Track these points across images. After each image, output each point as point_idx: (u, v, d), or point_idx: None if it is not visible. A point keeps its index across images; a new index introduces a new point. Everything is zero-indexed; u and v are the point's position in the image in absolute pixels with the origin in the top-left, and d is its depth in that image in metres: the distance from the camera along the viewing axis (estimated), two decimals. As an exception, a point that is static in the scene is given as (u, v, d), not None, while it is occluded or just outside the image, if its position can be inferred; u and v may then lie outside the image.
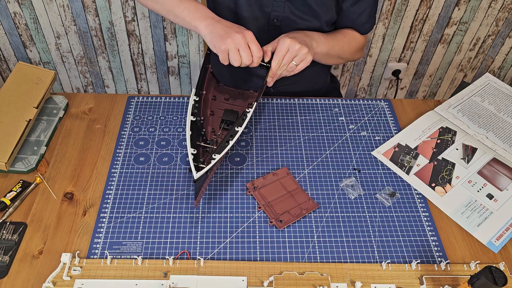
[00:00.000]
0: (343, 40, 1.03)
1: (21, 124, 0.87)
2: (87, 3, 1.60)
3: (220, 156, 0.76)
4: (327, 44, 0.98)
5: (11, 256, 0.73)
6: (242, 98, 0.98)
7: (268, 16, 0.98)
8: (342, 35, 1.03)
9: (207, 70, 0.97)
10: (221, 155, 0.76)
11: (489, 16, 1.68)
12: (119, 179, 0.85)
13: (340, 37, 1.03)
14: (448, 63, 1.86)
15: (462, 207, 0.83)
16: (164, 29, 1.68)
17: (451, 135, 0.96)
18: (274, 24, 0.99)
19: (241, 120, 0.84)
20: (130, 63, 1.81)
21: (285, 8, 0.96)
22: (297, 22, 0.98)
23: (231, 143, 0.79)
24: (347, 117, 1.00)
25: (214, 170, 0.84)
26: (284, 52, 0.87)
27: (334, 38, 1.01)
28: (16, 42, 1.72)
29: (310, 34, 0.95)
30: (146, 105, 1.00)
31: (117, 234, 0.77)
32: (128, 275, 0.71)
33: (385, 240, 0.78)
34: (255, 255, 0.75)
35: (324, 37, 0.98)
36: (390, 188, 0.86)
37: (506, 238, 0.79)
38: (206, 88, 0.97)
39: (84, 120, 0.97)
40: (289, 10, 0.96)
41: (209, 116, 0.94)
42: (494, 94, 1.06)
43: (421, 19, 1.68)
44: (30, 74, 0.94)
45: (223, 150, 0.77)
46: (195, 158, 0.76)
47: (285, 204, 0.82)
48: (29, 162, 0.86)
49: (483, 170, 0.89)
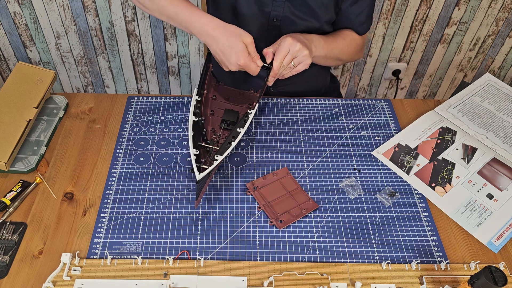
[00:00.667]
0: (342, 43, 1.03)
1: (21, 124, 0.87)
2: (87, 3, 1.60)
3: (222, 158, 0.76)
4: (326, 47, 0.98)
5: (11, 256, 0.73)
6: (243, 98, 0.98)
7: (268, 15, 0.98)
8: (342, 38, 1.03)
9: (207, 69, 0.97)
10: (223, 156, 0.76)
11: (489, 16, 1.68)
12: (119, 179, 0.85)
13: (340, 40, 1.03)
14: (448, 63, 1.86)
15: (462, 207, 0.83)
16: (164, 29, 1.68)
17: (451, 135, 0.96)
18: (274, 23, 0.99)
19: (243, 121, 0.84)
20: (130, 63, 1.81)
21: (285, 8, 0.96)
22: (296, 22, 0.98)
23: (233, 144, 0.79)
24: (347, 117, 1.00)
25: (215, 170, 0.84)
26: (285, 52, 0.87)
27: (334, 40, 1.01)
28: (16, 42, 1.72)
29: (310, 38, 0.95)
30: (146, 105, 1.00)
31: (117, 234, 0.77)
32: (128, 275, 0.71)
33: (385, 240, 0.78)
34: (255, 255, 0.75)
35: (324, 40, 0.98)
36: (390, 188, 0.86)
37: (506, 238, 0.79)
38: (207, 87, 0.97)
39: (84, 120, 0.97)
40: (289, 10, 0.96)
41: (209, 116, 0.94)
42: (494, 94, 1.06)
43: (421, 19, 1.68)
44: (30, 74, 0.94)
45: (225, 151, 0.77)
46: (197, 159, 0.76)
47: (285, 204, 0.82)
48: (29, 162, 0.86)
49: (483, 170, 0.89)
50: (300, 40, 0.89)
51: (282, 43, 0.88)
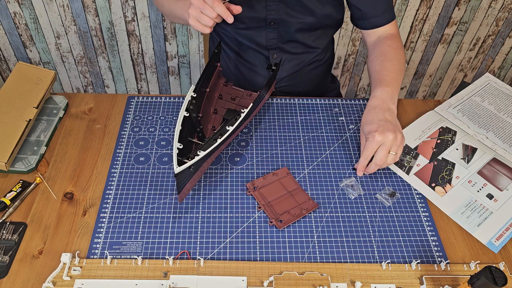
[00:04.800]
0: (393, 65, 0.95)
1: (21, 124, 0.87)
2: (87, 3, 1.60)
3: (204, 153, 0.75)
4: (396, 90, 0.92)
5: (11, 256, 0.73)
6: (250, 99, 0.98)
7: (264, 19, 0.98)
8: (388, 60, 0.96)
9: (214, 68, 0.97)
10: (205, 152, 0.76)
11: (489, 16, 1.68)
12: (119, 179, 0.85)
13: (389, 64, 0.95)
14: (448, 63, 1.86)
15: (462, 207, 0.83)
16: (164, 29, 1.68)
17: (451, 135, 0.96)
18: (272, 26, 0.99)
19: (233, 120, 0.84)
20: (130, 63, 1.81)
21: (280, 11, 0.96)
22: (292, 22, 0.98)
23: (219, 141, 0.79)
24: (347, 117, 1.00)
25: (205, 168, 0.84)
26: (375, 149, 0.83)
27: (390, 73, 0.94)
28: (16, 42, 1.72)
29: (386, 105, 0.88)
30: (146, 105, 1.00)
31: (117, 234, 0.77)
32: (128, 275, 0.71)
33: (385, 240, 0.78)
34: (255, 255, 0.75)
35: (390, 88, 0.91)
36: (390, 188, 0.86)
37: (506, 238, 0.79)
38: (213, 86, 0.96)
39: (84, 120, 0.97)
40: (284, 12, 0.96)
41: (211, 114, 0.94)
42: (494, 94, 1.06)
43: (421, 19, 1.68)
44: (30, 74, 0.94)
45: (209, 147, 0.77)
46: (181, 153, 0.75)
47: (285, 204, 0.82)
48: (29, 162, 0.86)
49: (483, 170, 0.89)
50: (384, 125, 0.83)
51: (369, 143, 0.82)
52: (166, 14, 1.03)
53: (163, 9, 1.01)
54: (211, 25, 0.81)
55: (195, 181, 0.82)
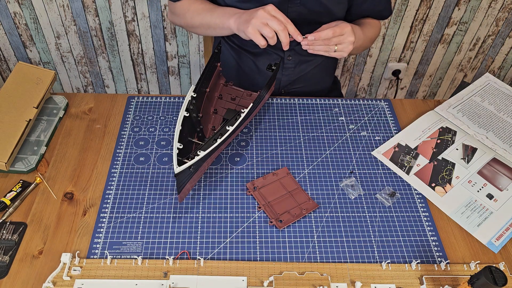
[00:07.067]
0: (372, 32, 1.06)
1: (21, 124, 0.87)
2: (87, 3, 1.60)
3: (204, 153, 0.76)
4: (363, 38, 1.00)
5: (11, 256, 0.73)
6: (250, 99, 0.98)
7: None
8: (371, 26, 1.06)
9: (214, 68, 0.97)
10: (205, 152, 0.76)
11: (489, 16, 1.68)
12: (119, 179, 0.85)
13: (369, 28, 1.05)
14: (448, 63, 1.86)
15: (462, 207, 0.84)
16: (164, 29, 1.68)
17: (451, 135, 0.96)
18: None
19: (233, 120, 0.84)
20: (130, 63, 1.81)
21: (301, 13, 0.96)
22: (311, 22, 0.98)
23: (219, 141, 0.79)
24: (347, 117, 1.00)
25: (205, 168, 0.84)
26: (332, 25, 0.89)
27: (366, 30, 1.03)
28: (16, 42, 1.72)
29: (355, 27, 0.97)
30: (146, 105, 1.00)
31: (117, 234, 0.77)
32: (128, 275, 0.71)
33: (385, 240, 0.78)
34: (255, 255, 0.75)
35: (361, 30, 1.00)
36: (390, 188, 0.86)
37: (506, 238, 0.79)
38: (212, 86, 0.96)
39: (84, 120, 0.97)
40: (307, 11, 0.96)
41: (211, 114, 0.94)
42: (494, 94, 1.06)
43: (421, 19, 1.68)
44: (30, 74, 0.94)
45: (209, 147, 0.77)
46: (181, 153, 0.76)
47: (285, 204, 0.82)
48: (29, 162, 0.86)
49: (483, 170, 0.89)
50: (352, 25, 0.91)
51: (339, 23, 0.90)
52: (196, 26, 1.00)
53: (193, 20, 0.99)
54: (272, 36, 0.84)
55: (195, 181, 0.82)
